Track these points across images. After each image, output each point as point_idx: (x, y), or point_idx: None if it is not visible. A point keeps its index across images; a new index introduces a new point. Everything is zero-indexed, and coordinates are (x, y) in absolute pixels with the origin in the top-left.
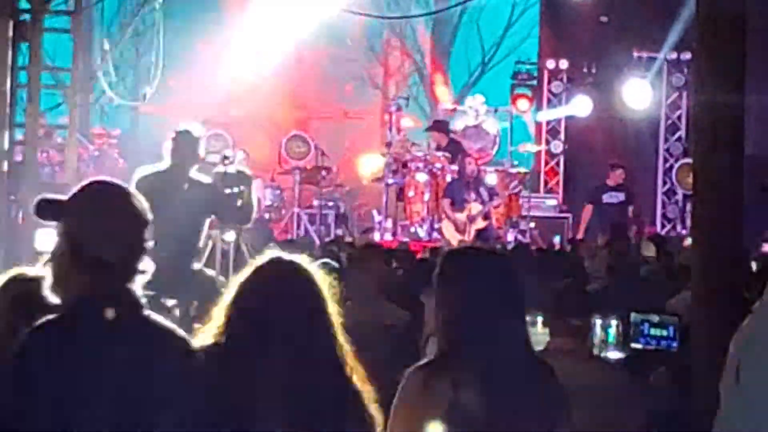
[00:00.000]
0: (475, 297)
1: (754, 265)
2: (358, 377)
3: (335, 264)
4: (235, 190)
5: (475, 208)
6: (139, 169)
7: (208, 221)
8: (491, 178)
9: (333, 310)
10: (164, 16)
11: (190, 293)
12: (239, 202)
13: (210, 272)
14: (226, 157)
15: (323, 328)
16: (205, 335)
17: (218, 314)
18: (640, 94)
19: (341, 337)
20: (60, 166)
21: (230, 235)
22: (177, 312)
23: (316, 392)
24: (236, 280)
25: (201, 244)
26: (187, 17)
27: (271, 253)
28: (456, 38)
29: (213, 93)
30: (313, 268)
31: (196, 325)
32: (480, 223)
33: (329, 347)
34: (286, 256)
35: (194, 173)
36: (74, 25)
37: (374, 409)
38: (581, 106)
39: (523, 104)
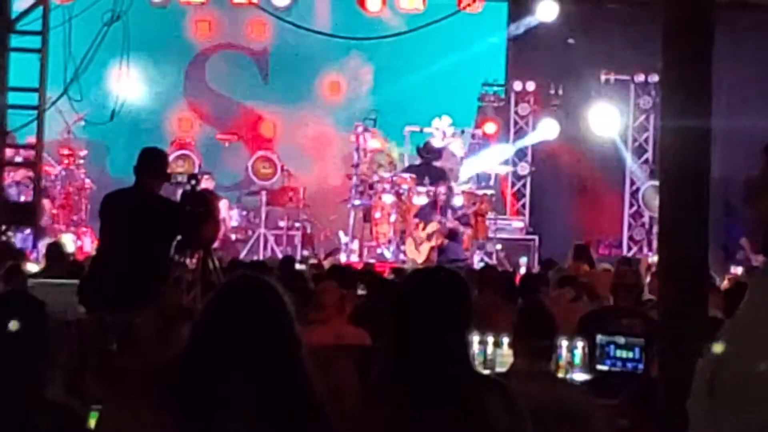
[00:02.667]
0: (418, 313)
1: (725, 283)
2: (322, 397)
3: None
4: (201, 210)
5: (432, 227)
6: None
7: (174, 240)
8: (458, 200)
9: (298, 329)
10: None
11: (157, 311)
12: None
13: (176, 291)
14: (193, 177)
15: (291, 348)
16: (173, 353)
17: (187, 333)
18: (607, 116)
19: (306, 357)
20: (27, 185)
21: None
22: (143, 331)
23: (282, 411)
24: (205, 300)
25: (167, 262)
26: (152, 37)
27: (240, 272)
28: None
29: (180, 112)
30: (281, 287)
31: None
32: (437, 241)
33: (296, 366)
34: (254, 275)
35: (160, 192)
36: (42, 45)
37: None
38: (548, 130)
39: (490, 127)
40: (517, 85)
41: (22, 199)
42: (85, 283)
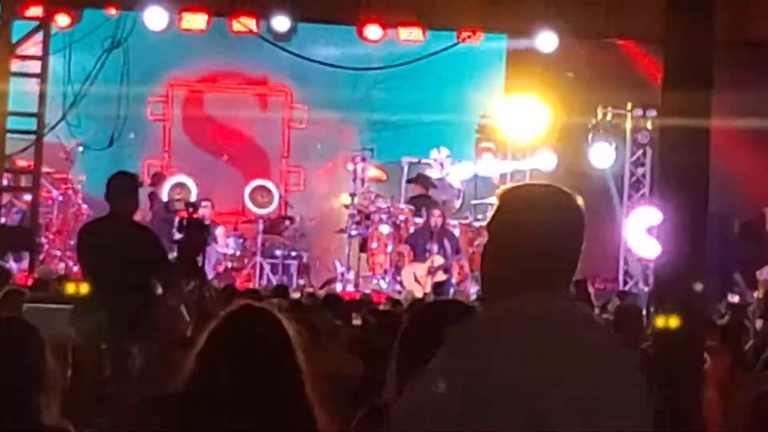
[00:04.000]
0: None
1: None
2: (324, 425)
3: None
4: (197, 238)
5: (438, 260)
6: None
7: (156, 265)
8: (455, 232)
9: (301, 358)
10: (129, 63)
11: (150, 339)
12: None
13: (172, 319)
14: (190, 205)
15: (293, 377)
16: (175, 382)
17: (188, 361)
18: (604, 150)
19: (309, 385)
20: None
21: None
22: (138, 360)
23: None
24: (207, 328)
25: (154, 287)
26: (152, 63)
27: (242, 301)
28: None
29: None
30: (282, 316)
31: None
32: (440, 276)
33: (298, 395)
34: (257, 304)
35: (135, 219)
36: (42, 70)
37: None
38: (546, 160)
39: (487, 158)
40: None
41: (20, 224)
42: (78, 309)
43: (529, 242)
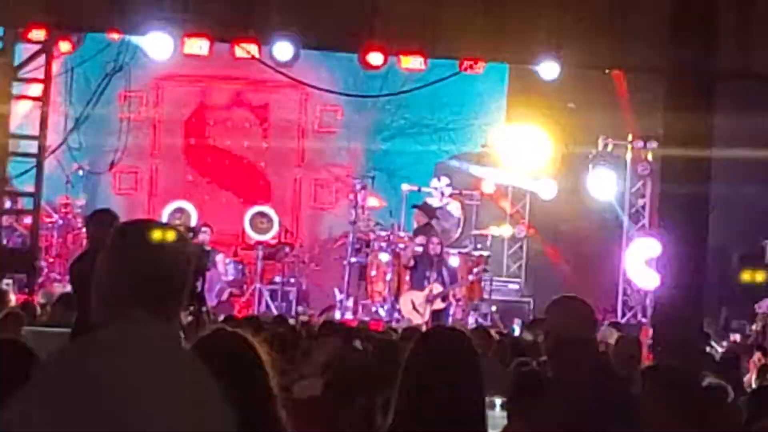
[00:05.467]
0: (437, 374)
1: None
2: None
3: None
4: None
5: (436, 288)
6: None
7: None
8: (454, 261)
9: (274, 382)
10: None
11: None
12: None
13: None
14: (190, 230)
15: (265, 399)
16: None
17: None
18: (605, 181)
19: (281, 409)
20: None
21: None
22: None
23: None
24: None
25: None
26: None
27: (216, 326)
28: None
29: (178, 165)
30: (256, 342)
31: None
32: (438, 304)
33: (270, 417)
34: (229, 330)
35: None
36: (44, 93)
37: None
38: (546, 188)
39: (488, 186)
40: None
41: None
42: (74, 334)
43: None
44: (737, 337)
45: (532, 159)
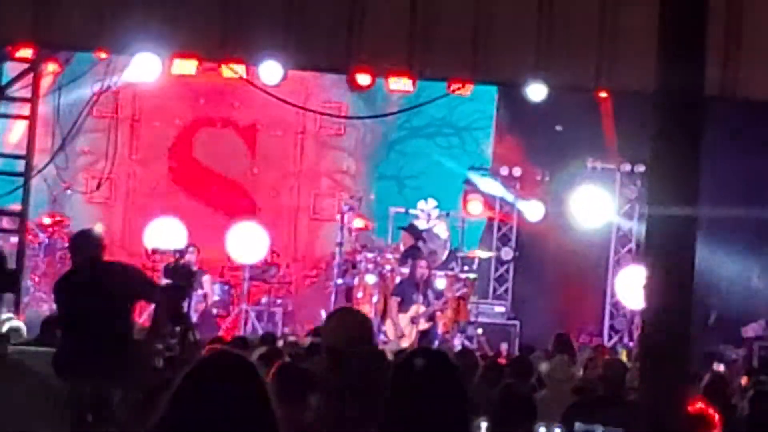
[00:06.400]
0: (420, 393)
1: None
2: None
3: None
4: (182, 284)
5: (421, 309)
6: None
7: (130, 305)
8: (440, 283)
9: (275, 403)
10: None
11: (131, 383)
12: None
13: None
14: (177, 251)
15: (267, 422)
16: (149, 424)
17: (162, 405)
18: (592, 204)
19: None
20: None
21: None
22: (120, 403)
23: None
24: (182, 372)
25: (131, 329)
26: (140, 106)
27: (218, 347)
28: None
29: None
30: (257, 363)
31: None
32: (423, 325)
33: None
34: (233, 351)
35: (103, 264)
36: (31, 112)
37: None
38: (533, 210)
39: (475, 208)
40: (504, 170)
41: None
42: (59, 353)
43: None
44: (721, 367)
45: (518, 183)
